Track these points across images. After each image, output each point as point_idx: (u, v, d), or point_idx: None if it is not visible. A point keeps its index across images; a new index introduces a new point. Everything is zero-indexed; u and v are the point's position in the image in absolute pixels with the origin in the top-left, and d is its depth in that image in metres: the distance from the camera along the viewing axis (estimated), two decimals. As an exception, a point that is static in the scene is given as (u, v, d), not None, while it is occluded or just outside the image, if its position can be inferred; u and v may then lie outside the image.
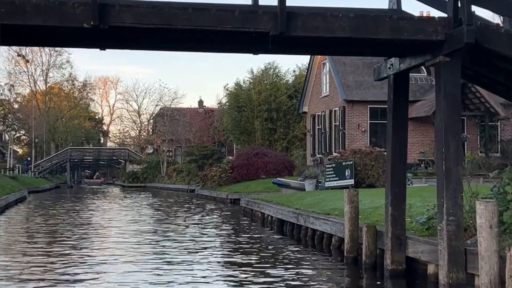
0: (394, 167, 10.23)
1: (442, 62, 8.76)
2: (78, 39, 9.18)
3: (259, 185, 33.68)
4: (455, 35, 8.52)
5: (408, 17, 8.68)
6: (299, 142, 47.15)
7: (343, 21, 8.40)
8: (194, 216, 24.90)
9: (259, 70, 49.40)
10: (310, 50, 10.33)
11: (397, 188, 10.20)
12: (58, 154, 79.06)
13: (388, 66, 10.34)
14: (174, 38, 8.87)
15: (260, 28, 8.25)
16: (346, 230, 12.01)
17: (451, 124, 8.71)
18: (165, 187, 57.35)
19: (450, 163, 8.59)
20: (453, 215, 8.57)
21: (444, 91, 8.81)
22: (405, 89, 10.41)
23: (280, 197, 22.54)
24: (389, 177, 10.29)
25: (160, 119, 68.27)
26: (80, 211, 28.32)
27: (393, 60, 10.19)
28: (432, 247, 9.42)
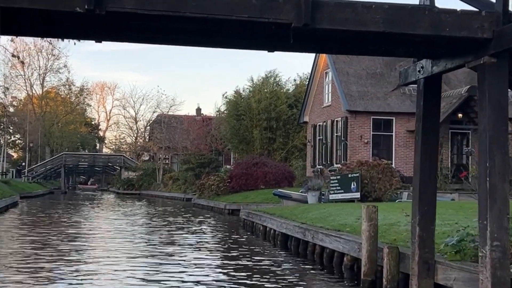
0: (423, 182, 9.04)
1: (488, 63, 7.60)
2: (72, 28, 7.99)
3: (258, 195, 32.46)
4: (504, 33, 7.35)
5: (451, 11, 7.50)
6: (299, 152, 45.99)
7: (377, 13, 7.23)
8: (192, 228, 23.67)
9: (260, 78, 48.34)
10: (334, 47, 9.11)
11: (426, 206, 9.01)
12: (52, 159, 77.60)
13: (418, 69, 9.16)
14: (180, 29, 7.69)
15: (280, 18, 7.08)
16: (364, 251, 10.80)
17: (497, 134, 7.54)
18: (161, 195, 56.05)
19: (495, 180, 7.42)
20: (498, 239, 7.39)
21: (489, 97, 7.64)
22: (437, 94, 9.24)
23: (282, 209, 21.33)
24: (417, 193, 9.09)
25: (157, 125, 67.09)
26: (70, 220, 27.06)
27: (424, 62, 9.01)
28: (468, 274, 8.25)
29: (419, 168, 9.06)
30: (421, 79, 9.14)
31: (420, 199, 9.02)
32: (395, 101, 35.44)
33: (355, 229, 13.62)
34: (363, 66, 36.91)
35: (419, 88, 9.22)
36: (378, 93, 35.66)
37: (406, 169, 32.04)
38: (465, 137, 35.78)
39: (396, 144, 35.04)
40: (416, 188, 9.09)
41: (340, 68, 36.32)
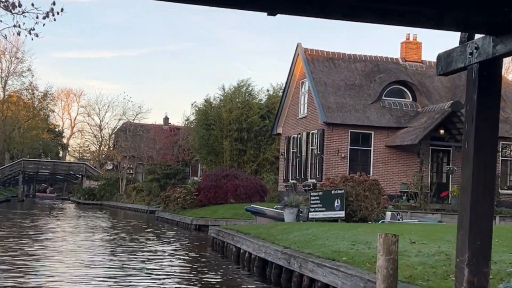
0: (476, 205, 6.41)
1: None
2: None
3: (228, 210, 29.69)
4: None
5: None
6: (270, 165, 43.41)
7: None
8: (153, 246, 20.80)
9: (231, 87, 45.64)
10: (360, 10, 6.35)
11: (479, 240, 6.40)
12: (10, 165, 73.52)
13: (470, 50, 6.57)
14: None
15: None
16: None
17: None
18: (123, 207, 52.82)
19: None
20: None
21: None
22: (497, 85, 6.63)
23: (257, 228, 18.61)
24: (466, 221, 6.46)
25: (122, 133, 63.85)
26: (19, 231, 23.96)
27: (481, 42, 6.44)
28: None
29: (470, 186, 6.43)
30: (474, 64, 6.55)
31: (471, 229, 6.39)
32: (374, 114, 33.15)
33: (353, 259, 10.99)
34: (342, 77, 34.61)
35: (472, 76, 6.61)
36: (356, 105, 33.34)
37: (385, 187, 29.60)
38: (446, 154, 33.62)
39: (375, 160, 32.71)
40: (466, 213, 6.47)
41: (317, 78, 33.96)
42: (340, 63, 35.34)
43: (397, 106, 33.65)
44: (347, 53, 35.96)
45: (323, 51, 35.53)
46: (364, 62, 35.57)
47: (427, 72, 35.92)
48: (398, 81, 34.21)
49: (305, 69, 34.54)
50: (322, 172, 32.25)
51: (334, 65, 35.12)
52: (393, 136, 32.79)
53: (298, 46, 35.56)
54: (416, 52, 36.47)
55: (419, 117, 32.89)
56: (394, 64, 35.73)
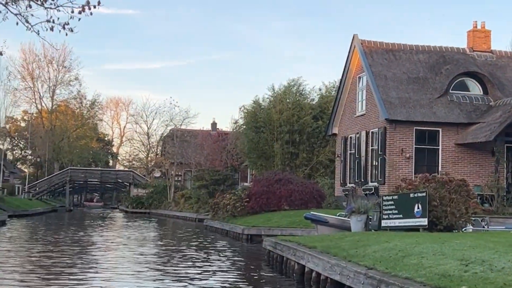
0: None
1: None
2: None
3: (282, 218, 26.34)
4: None
5: None
6: (324, 169, 39.93)
7: None
8: (201, 261, 17.63)
9: (281, 87, 42.40)
10: None
11: None
12: (57, 175, 71.58)
13: None
14: None
15: None
16: None
17: None
18: (171, 215, 50.09)
19: None
20: None
21: None
22: None
23: (322, 239, 15.25)
24: None
25: (169, 140, 61.25)
26: (51, 248, 21.15)
27: None
28: None
29: None
30: None
31: None
32: (441, 109, 29.40)
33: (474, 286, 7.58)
34: (404, 70, 30.98)
35: None
36: (421, 100, 29.65)
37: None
38: (524, 152, 29.63)
39: (443, 160, 28.98)
40: None
41: (377, 71, 30.42)
42: (401, 55, 31.72)
43: (467, 100, 29.85)
44: (408, 44, 32.33)
45: (382, 43, 31.99)
46: (428, 53, 31.85)
47: (498, 62, 32.03)
48: (467, 72, 30.41)
49: (363, 62, 31.05)
50: (385, 175, 28.71)
51: (395, 57, 31.53)
52: (463, 133, 29.00)
53: (354, 38, 32.10)
54: (485, 41, 32.57)
55: (492, 111, 29.01)
56: (461, 54, 31.91)
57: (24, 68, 79.51)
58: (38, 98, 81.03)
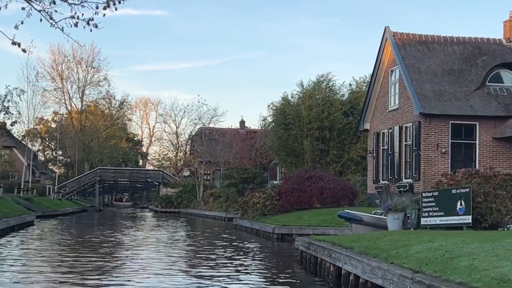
0: None
1: None
2: None
3: (314, 216, 25.35)
4: None
5: None
6: (356, 166, 38.78)
7: None
8: (231, 262, 16.75)
9: (310, 82, 41.35)
10: None
11: None
12: (86, 175, 71.39)
13: None
14: None
15: None
16: None
17: None
18: (200, 214, 49.37)
19: None
20: None
21: None
22: None
23: (358, 239, 14.25)
24: None
25: (198, 138, 60.60)
26: (73, 253, 20.45)
27: None
28: None
29: None
30: None
31: None
32: (478, 102, 28.09)
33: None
34: (438, 62, 29.71)
35: None
36: (457, 93, 28.37)
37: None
38: None
39: (481, 154, 27.67)
40: None
41: (410, 64, 29.21)
42: (435, 46, 30.45)
43: (504, 92, 28.48)
44: (442, 36, 31.06)
45: (415, 34, 30.75)
46: (463, 45, 30.52)
47: (537, 53, 30.57)
48: (505, 63, 29.03)
49: (395, 55, 29.88)
50: (420, 171, 27.53)
51: (429, 49, 30.28)
52: (502, 126, 27.66)
53: (386, 30, 30.92)
54: (523, 32, 31.14)
55: (532, 103, 27.70)
56: (497, 45, 30.53)
57: (54, 69, 79.73)
58: (67, 99, 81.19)
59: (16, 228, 26.67)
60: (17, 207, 32.20)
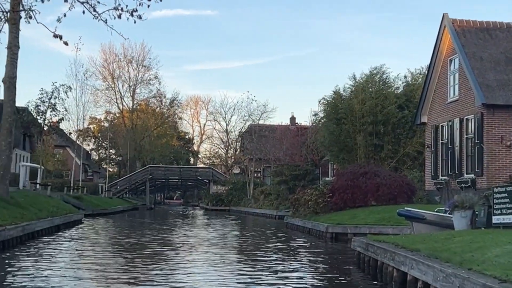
0: None
1: None
2: None
3: (369, 214, 23.73)
4: None
5: None
6: (412, 161, 36.83)
7: None
8: (282, 263, 15.36)
9: (363, 75, 39.56)
10: None
11: None
12: (137, 173, 71.05)
13: None
14: None
15: None
16: None
17: None
18: (251, 212, 48.18)
19: None
20: None
21: None
22: None
23: (424, 240, 12.65)
24: None
25: (247, 135, 59.44)
26: (140, 244, 19.40)
27: None
28: None
29: None
30: None
31: None
32: (545, 91, 26.01)
33: None
34: (501, 50, 27.72)
35: None
36: (523, 82, 26.34)
37: None
38: None
39: (550, 148, 25.57)
40: None
41: (471, 52, 27.30)
42: (497, 33, 28.44)
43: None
44: (505, 22, 29.02)
45: (475, 21, 28.79)
46: (528, 31, 28.42)
47: None
48: None
49: (455, 43, 27.99)
50: (483, 165, 25.64)
51: (491, 36, 28.29)
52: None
53: (445, 17, 29.03)
54: None
55: None
56: None
57: (105, 68, 79.89)
58: (119, 98, 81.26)
59: (62, 227, 25.90)
60: (65, 206, 31.58)
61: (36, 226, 20.72)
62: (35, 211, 23.34)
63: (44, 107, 34.48)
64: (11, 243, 17.22)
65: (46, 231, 22.62)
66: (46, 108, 34.45)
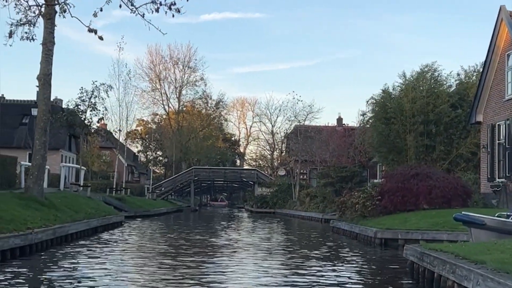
0: None
1: None
2: None
3: (422, 219, 21.99)
4: None
5: None
6: (466, 163, 34.77)
7: None
8: (327, 271, 13.91)
9: (414, 73, 37.66)
10: None
11: None
12: (181, 174, 70.26)
13: None
14: None
15: None
16: None
17: None
18: (296, 215, 46.72)
19: None
20: None
21: None
22: None
23: (489, 249, 11.03)
24: None
25: (293, 136, 57.98)
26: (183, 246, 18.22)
27: None
28: None
29: None
30: None
31: None
32: None
33: None
34: None
35: None
36: None
37: None
38: None
39: None
40: None
41: (530, 45, 25.30)
42: (560, 25, 26.31)
43: None
44: None
45: (536, 12, 26.71)
46: None
47: None
48: None
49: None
50: (544, 167, 23.61)
51: (553, 27, 26.19)
52: None
53: (502, 10, 27.07)
54: None
55: None
56: None
57: (151, 70, 79.63)
58: (165, 99, 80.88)
59: (100, 229, 24.94)
60: (105, 208, 30.72)
61: (70, 229, 19.74)
62: (71, 213, 22.43)
63: (84, 106, 33.72)
64: (39, 247, 16.22)
65: (82, 234, 21.67)
66: (86, 107, 33.69)
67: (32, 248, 15.60)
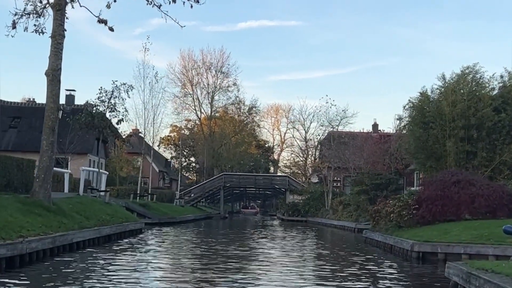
0: None
1: None
2: None
3: (464, 230, 19.64)
4: None
5: None
6: (510, 170, 32.07)
7: None
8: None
9: (454, 75, 35.10)
10: None
11: None
12: (211, 180, 68.30)
13: None
14: None
15: None
16: None
17: None
18: (329, 224, 44.48)
19: None
20: None
21: None
22: None
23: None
24: None
25: (326, 142, 55.72)
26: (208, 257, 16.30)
27: None
28: None
29: None
30: None
31: None
32: None
33: None
34: None
35: None
36: None
37: None
38: None
39: None
40: None
41: None
42: None
43: None
44: None
45: None
46: None
47: None
48: None
49: None
50: None
51: None
52: None
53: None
54: None
55: None
56: None
57: (184, 75, 78.31)
58: (197, 105, 79.44)
59: (114, 237, 23.17)
60: (125, 214, 28.98)
61: (74, 237, 17.96)
62: (80, 219, 20.71)
63: (103, 107, 32.05)
64: (33, 257, 14.44)
65: (91, 242, 19.92)
66: (105, 108, 32.02)
67: (23, 258, 13.82)
